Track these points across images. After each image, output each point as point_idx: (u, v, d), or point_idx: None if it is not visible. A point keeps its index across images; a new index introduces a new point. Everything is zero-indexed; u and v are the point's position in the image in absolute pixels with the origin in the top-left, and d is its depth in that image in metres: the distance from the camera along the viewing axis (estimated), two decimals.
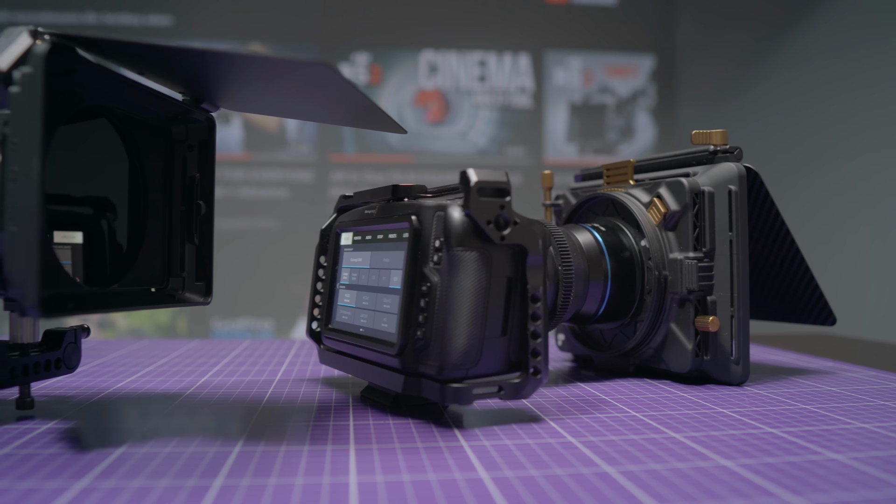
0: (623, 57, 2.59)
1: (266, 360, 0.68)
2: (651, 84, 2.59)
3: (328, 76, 0.36)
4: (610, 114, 2.56)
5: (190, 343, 0.80)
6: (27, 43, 0.38)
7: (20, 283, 0.35)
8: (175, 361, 0.66)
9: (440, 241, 0.42)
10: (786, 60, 2.16)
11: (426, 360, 0.41)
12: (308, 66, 0.34)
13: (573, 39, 2.59)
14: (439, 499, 0.29)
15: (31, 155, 0.35)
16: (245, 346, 0.78)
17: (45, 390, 0.53)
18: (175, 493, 0.30)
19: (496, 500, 0.29)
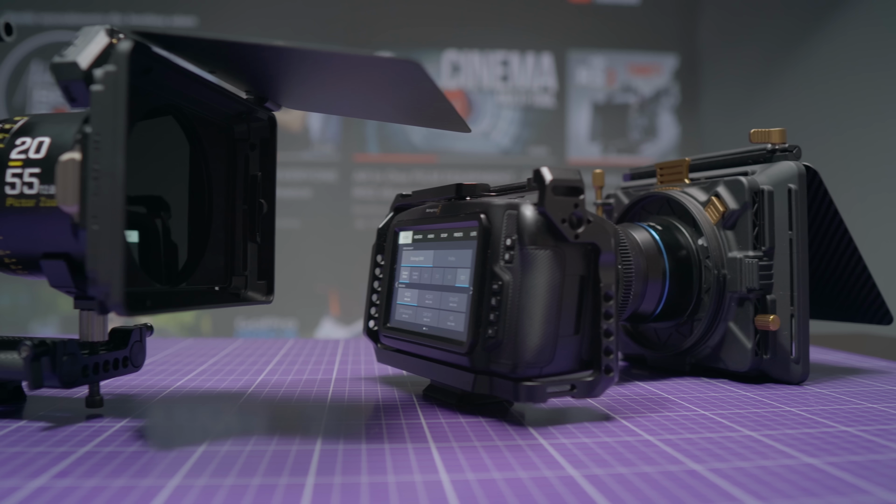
0: (646, 56, 2.59)
1: (316, 358, 0.68)
2: (674, 83, 2.58)
3: (414, 74, 0.36)
4: (633, 113, 2.55)
5: (235, 342, 0.80)
6: (104, 42, 0.38)
7: (105, 281, 0.35)
8: (226, 360, 0.67)
9: (511, 240, 0.42)
10: (812, 59, 2.16)
11: (498, 359, 0.41)
12: (395, 63, 0.34)
13: (596, 39, 2.58)
14: (537, 496, 0.29)
15: (115, 153, 0.35)
16: (290, 344, 0.79)
17: (108, 388, 0.53)
18: (271, 490, 0.30)
19: (594, 498, 0.29)
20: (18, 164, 0.41)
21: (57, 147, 0.41)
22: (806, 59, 2.17)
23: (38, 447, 0.37)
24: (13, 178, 0.41)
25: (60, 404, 0.47)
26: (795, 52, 2.22)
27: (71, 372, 0.42)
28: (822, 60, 2.12)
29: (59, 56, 0.38)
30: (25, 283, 2.43)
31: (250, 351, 0.73)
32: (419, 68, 0.34)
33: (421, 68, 0.34)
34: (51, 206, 0.40)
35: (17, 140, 0.42)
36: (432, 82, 0.36)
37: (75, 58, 0.37)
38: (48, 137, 0.41)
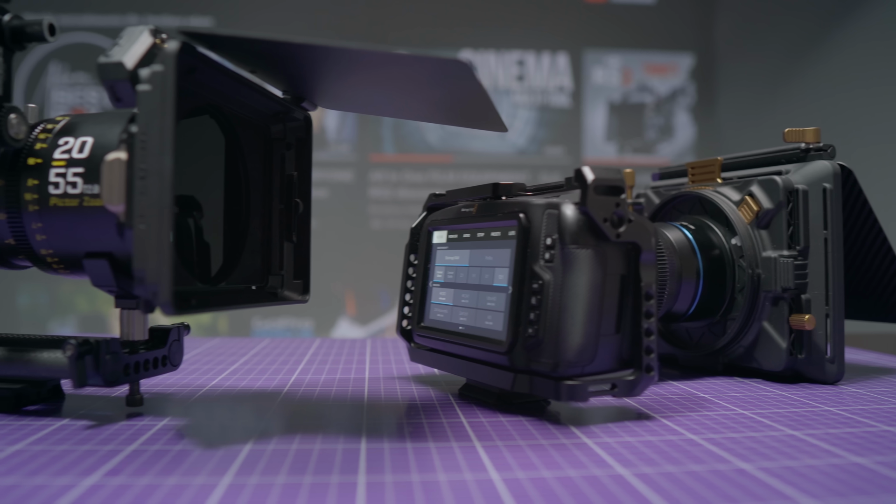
0: (662, 55, 2.58)
1: (346, 358, 0.68)
2: (690, 83, 2.58)
3: (463, 74, 0.36)
4: (649, 113, 2.55)
5: (262, 342, 0.81)
6: (148, 42, 0.39)
7: (153, 280, 0.35)
8: (256, 360, 0.67)
9: (552, 239, 0.42)
10: (831, 56, 2.15)
11: (539, 358, 0.41)
12: (445, 63, 0.34)
13: (612, 38, 2.58)
14: (592, 495, 0.29)
15: (162, 153, 0.35)
16: (318, 344, 0.79)
17: (145, 387, 0.53)
18: (324, 489, 0.30)
19: (649, 497, 0.29)
20: (62, 164, 0.41)
21: (100, 147, 0.41)
22: (826, 57, 2.17)
23: (85, 445, 0.37)
24: (57, 177, 0.41)
25: (100, 403, 0.47)
26: (814, 50, 2.21)
27: (113, 371, 0.42)
28: (842, 58, 2.11)
29: (104, 56, 0.38)
30: (45, 283, 2.44)
31: (279, 351, 0.73)
32: (468, 68, 0.35)
33: (470, 68, 0.35)
34: (94, 205, 0.40)
35: (60, 140, 0.42)
36: (479, 82, 0.37)
37: (121, 58, 0.37)
38: (91, 137, 0.41)
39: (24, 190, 0.42)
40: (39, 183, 0.41)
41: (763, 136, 2.25)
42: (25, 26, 0.42)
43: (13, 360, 0.43)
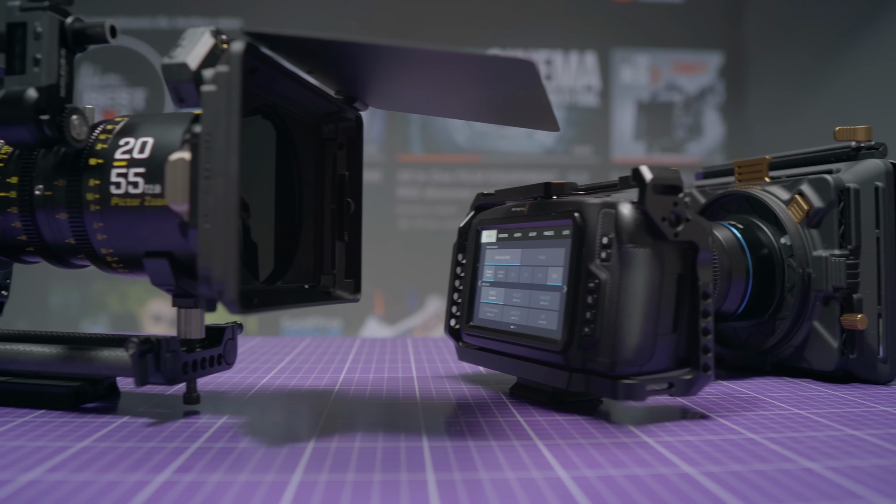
0: (690, 54, 2.57)
1: (391, 357, 0.68)
2: (719, 81, 2.56)
3: (527, 73, 0.36)
4: (678, 112, 2.54)
5: (304, 341, 0.81)
6: (210, 43, 0.39)
7: (219, 279, 0.35)
8: (301, 359, 0.67)
9: (608, 238, 0.42)
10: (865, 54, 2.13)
11: (595, 357, 0.41)
12: (511, 62, 0.34)
13: (640, 37, 2.57)
14: (663, 493, 0.29)
15: (229, 153, 0.35)
16: (359, 343, 0.79)
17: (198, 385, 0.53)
18: (395, 486, 0.31)
19: (721, 496, 0.29)
20: (123, 164, 0.42)
21: (160, 147, 0.41)
22: (858, 55, 2.15)
23: (150, 442, 0.37)
24: (118, 177, 0.41)
25: (156, 401, 0.48)
26: (847, 48, 2.19)
27: (173, 369, 0.43)
28: (875, 55, 2.09)
29: (167, 57, 0.38)
30: (76, 283, 2.47)
31: (321, 350, 0.74)
32: (534, 68, 0.35)
33: (535, 68, 0.35)
34: (155, 205, 0.41)
35: (121, 140, 0.42)
36: (541, 82, 0.37)
37: (185, 59, 0.38)
38: (151, 138, 0.42)
39: (86, 190, 0.42)
40: (101, 183, 0.42)
41: (794, 135, 2.24)
42: (87, 28, 0.42)
43: (74, 359, 0.44)
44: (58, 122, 0.41)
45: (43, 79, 0.41)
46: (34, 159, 0.45)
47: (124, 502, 0.29)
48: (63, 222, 0.43)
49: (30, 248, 0.46)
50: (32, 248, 0.46)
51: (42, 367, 0.45)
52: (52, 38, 0.41)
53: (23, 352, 0.45)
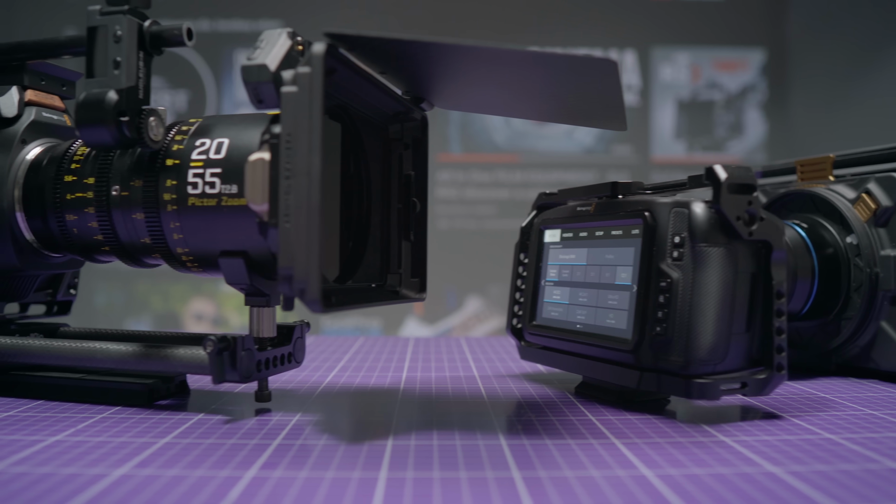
0: (732, 51, 2.55)
1: (448, 356, 0.69)
2: (761, 79, 2.54)
3: (607, 72, 0.36)
4: (718, 110, 2.52)
5: (358, 340, 0.82)
6: (288, 44, 0.40)
7: (301, 278, 0.36)
8: (359, 358, 0.68)
9: (680, 237, 0.42)
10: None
11: (668, 356, 0.41)
12: (593, 61, 0.35)
13: (680, 35, 2.56)
14: (752, 493, 0.29)
15: (311, 153, 0.36)
16: (414, 343, 0.80)
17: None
18: (483, 484, 0.31)
19: (811, 495, 0.29)
20: (199, 165, 0.42)
21: (235, 148, 0.42)
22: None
23: (230, 439, 0.38)
24: (195, 178, 0.42)
25: (226, 399, 0.49)
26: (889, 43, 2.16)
27: (248, 367, 0.43)
28: None
29: (247, 59, 0.39)
30: (121, 283, 2.50)
31: (377, 349, 0.74)
32: (615, 67, 0.35)
33: (617, 67, 0.35)
34: (232, 204, 0.41)
35: (196, 141, 0.43)
36: (619, 81, 0.37)
37: (264, 60, 0.38)
38: (227, 138, 0.42)
39: (163, 190, 0.43)
40: (177, 183, 0.42)
41: (839, 133, 2.21)
42: (164, 32, 0.43)
43: (150, 356, 0.45)
44: (136, 124, 0.42)
45: (123, 81, 0.41)
46: (110, 160, 0.45)
47: (220, 497, 0.29)
48: (139, 222, 0.44)
49: (105, 248, 0.47)
50: (108, 248, 0.47)
51: (118, 365, 0.45)
52: (131, 42, 0.42)
53: (100, 349, 0.46)
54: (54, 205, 0.47)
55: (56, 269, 0.53)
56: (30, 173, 0.48)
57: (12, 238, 0.48)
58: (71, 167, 0.47)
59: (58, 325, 0.57)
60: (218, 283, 2.38)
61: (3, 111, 0.49)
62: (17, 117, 0.50)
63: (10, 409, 0.45)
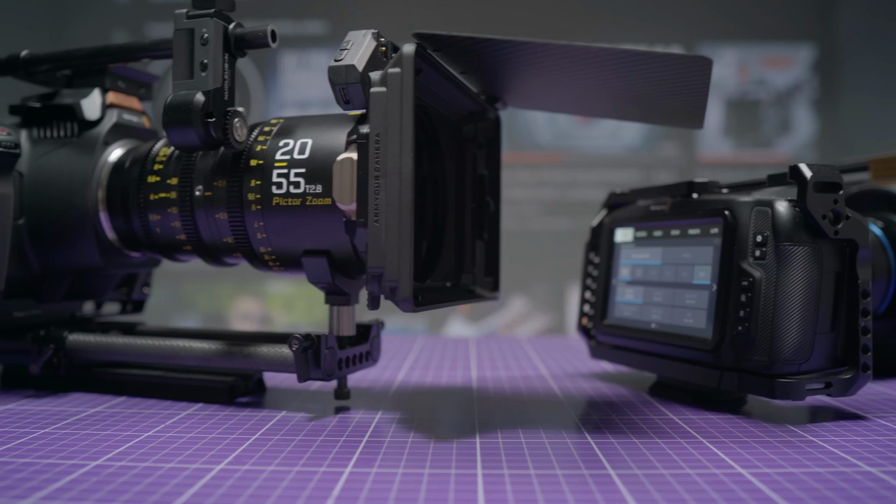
0: (780, 47, 2.52)
1: (513, 356, 0.69)
2: (811, 75, 2.51)
3: (700, 70, 0.36)
4: (766, 107, 2.49)
5: (417, 339, 0.82)
6: (373, 46, 0.40)
7: (392, 276, 0.36)
8: (425, 357, 0.68)
9: (763, 236, 0.41)
10: None
11: (750, 356, 0.41)
12: (687, 59, 0.35)
13: (727, 30, 2.53)
14: (854, 492, 0.29)
15: (403, 153, 0.36)
16: (475, 342, 0.80)
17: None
18: (581, 480, 0.31)
19: None
20: (283, 165, 0.43)
21: (319, 148, 0.42)
22: None
23: (319, 436, 0.39)
24: (279, 178, 0.43)
25: (303, 396, 0.49)
26: None
27: (331, 365, 0.44)
28: None
29: (334, 61, 0.39)
30: (168, 282, 2.53)
31: (439, 348, 0.74)
32: (709, 65, 0.35)
33: (711, 65, 0.35)
34: (317, 204, 0.42)
35: (280, 142, 0.44)
36: (709, 79, 0.37)
37: (352, 61, 0.39)
38: (310, 139, 0.43)
39: (247, 190, 0.43)
40: (262, 183, 0.43)
41: (891, 131, 2.18)
42: (248, 34, 0.43)
43: (233, 354, 0.45)
44: (222, 125, 0.43)
45: (209, 83, 0.42)
46: (193, 161, 0.46)
47: (326, 492, 0.30)
48: (223, 222, 0.45)
49: (187, 247, 0.48)
50: (189, 247, 0.47)
51: (202, 362, 0.46)
52: (217, 44, 0.43)
53: (183, 347, 0.46)
54: (138, 205, 0.48)
55: (134, 269, 0.54)
56: (113, 174, 0.49)
57: (96, 237, 0.49)
58: (154, 168, 0.48)
59: (134, 324, 0.58)
60: (264, 283, 2.41)
61: (87, 113, 0.50)
62: (99, 119, 0.51)
63: (96, 405, 0.46)
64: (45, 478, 0.31)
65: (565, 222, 2.42)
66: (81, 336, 0.49)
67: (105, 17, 2.53)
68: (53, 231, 0.50)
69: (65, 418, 0.42)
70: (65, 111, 0.51)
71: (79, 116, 0.50)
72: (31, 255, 0.50)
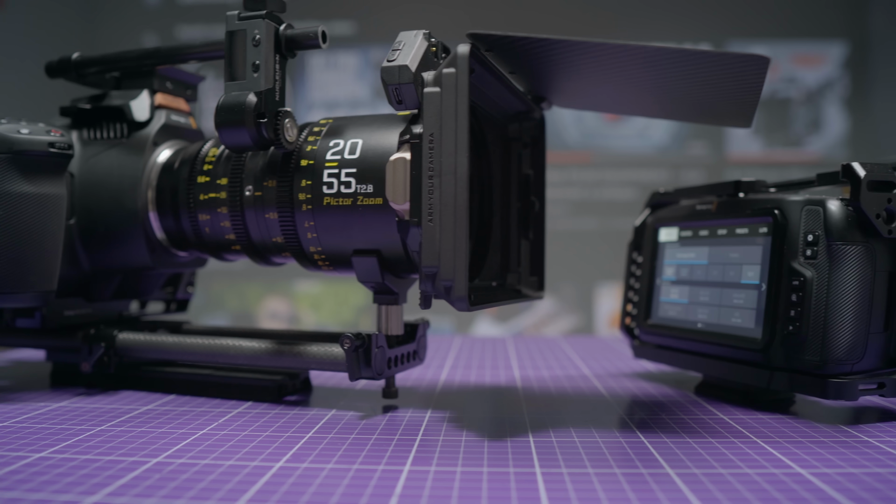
0: (811, 45, 2.50)
1: (552, 355, 0.69)
2: (843, 73, 2.48)
3: (757, 69, 0.36)
4: (797, 106, 2.47)
5: (453, 339, 0.82)
6: (424, 46, 0.40)
7: (447, 276, 0.36)
8: (463, 355, 0.68)
9: (814, 235, 0.41)
10: None
11: (801, 355, 0.41)
12: (744, 58, 0.35)
13: (756, 28, 2.51)
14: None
15: (458, 152, 0.36)
16: (512, 342, 0.80)
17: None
18: (641, 480, 0.31)
19: None
20: (334, 165, 0.43)
21: (369, 148, 0.43)
22: None
23: (372, 434, 0.39)
24: (330, 178, 0.43)
25: (350, 396, 0.49)
26: None
27: (381, 364, 0.44)
28: None
29: (387, 61, 0.40)
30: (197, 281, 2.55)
31: (477, 347, 0.75)
32: (766, 64, 0.35)
33: (768, 63, 0.35)
34: (368, 204, 0.42)
35: (330, 142, 0.44)
36: (764, 78, 0.37)
37: (405, 62, 0.39)
38: (360, 139, 0.43)
39: (298, 190, 0.44)
40: (312, 183, 0.43)
41: None
42: (299, 35, 0.44)
43: (283, 353, 0.46)
44: (274, 125, 0.43)
45: (262, 84, 0.43)
46: (242, 161, 0.47)
47: (388, 490, 0.30)
48: (273, 221, 0.45)
49: (235, 247, 0.48)
50: (238, 247, 0.48)
51: (252, 361, 0.47)
52: (268, 45, 0.43)
53: (233, 346, 0.47)
54: (188, 205, 0.48)
55: (181, 268, 0.55)
56: (162, 174, 0.50)
57: (145, 237, 0.50)
58: (204, 168, 0.48)
59: (179, 323, 0.58)
60: (291, 283, 2.42)
61: (136, 114, 0.51)
62: (148, 120, 0.51)
63: (147, 403, 0.46)
64: (109, 474, 0.32)
65: (593, 222, 2.41)
66: (131, 335, 0.50)
67: (135, 19, 2.55)
68: (104, 231, 0.50)
69: (119, 416, 0.43)
70: (114, 112, 0.52)
71: (128, 118, 0.51)
72: (81, 255, 0.51)
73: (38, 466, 0.33)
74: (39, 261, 0.46)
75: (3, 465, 0.33)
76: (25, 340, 0.52)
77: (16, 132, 0.44)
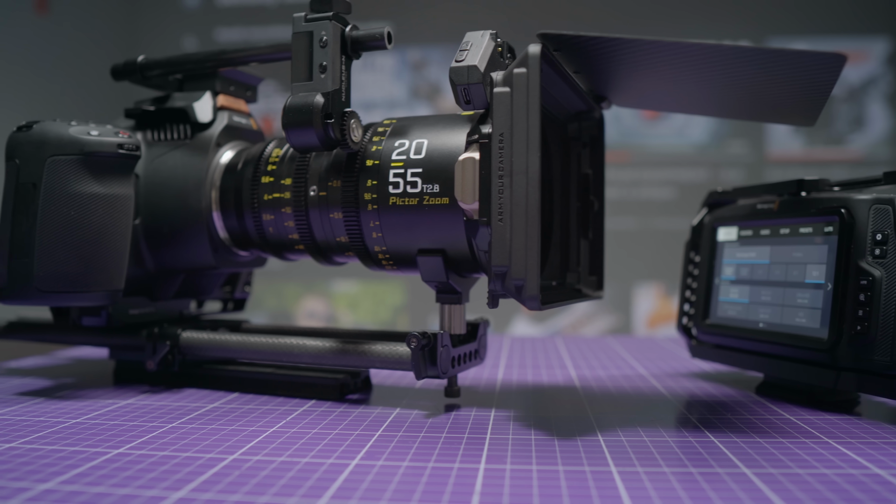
0: (853, 41, 2.47)
1: (605, 355, 0.69)
2: (886, 69, 2.45)
3: (831, 68, 0.36)
4: (839, 103, 2.44)
5: (501, 339, 0.82)
6: (492, 46, 0.40)
7: (519, 275, 0.36)
8: (518, 355, 0.69)
9: (883, 234, 0.41)
10: None
11: (870, 356, 0.41)
12: (820, 56, 0.34)
13: (796, 25, 2.49)
14: None
15: (529, 152, 0.37)
16: (561, 341, 0.80)
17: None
18: (718, 479, 0.31)
19: None
20: (399, 165, 0.43)
21: (435, 148, 0.43)
22: None
23: (440, 433, 0.39)
24: (395, 178, 0.43)
25: (411, 394, 0.50)
26: None
27: (446, 363, 0.44)
28: None
29: (455, 62, 0.40)
30: None
31: (528, 347, 0.75)
32: (843, 62, 0.35)
33: (845, 62, 0.35)
34: (434, 203, 0.42)
35: (395, 142, 0.44)
36: (837, 76, 0.36)
37: (474, 62, 0.39)
38: (425, 139, 0.43)
39: (363, 190, 0.44)
40: (378, 183, 0.44)
41: None
42: (365, 36, 0.44)
43: (347, 352, 0.46)
44: (340, 126, 0.43)
45: (329, 85, 0.43)
46: (307, 162, 0.47)
47: (468, 488, 0.30)
48: (337, 221, 0.46)
49: (299, 247, 0.48)
50: (302, 247, 0.48)
51: (316, 360, 0.47)
52: (335, 46, 0.43)
53: (297, 345, 0.47)
54: (252, 205, 0.49)
55: (242, 267, 0.56)
56: (226, 175, 0.51)
57: (209, 237, 0.50)
58: (268, 169, 0.49)
59: (239, 321, 0.59)
60: (329, 282, 2.44)
61: (199, 116, 0.52)
62: (211, 122, 0.52)
63: (213, 401, 0.47)
64: (189, 470, 0.32)
65: (631, 222, 2.40)
66: (195, 333, 0.51)
67: (175, 22, 2.58)
68: (168, 231, 0.51)
69: (187, 413, 0.44)
70: (178, 114, 0.52)
71: (191, 119, 0.52)
72: (146, 255, 0.52)
73: (119, 462, 0.34)
74: (108, 260, 0.46)
75: (85, 460, 0.34)
76: (92, 339, 0.53)
77: (86, 134, 0.45)
